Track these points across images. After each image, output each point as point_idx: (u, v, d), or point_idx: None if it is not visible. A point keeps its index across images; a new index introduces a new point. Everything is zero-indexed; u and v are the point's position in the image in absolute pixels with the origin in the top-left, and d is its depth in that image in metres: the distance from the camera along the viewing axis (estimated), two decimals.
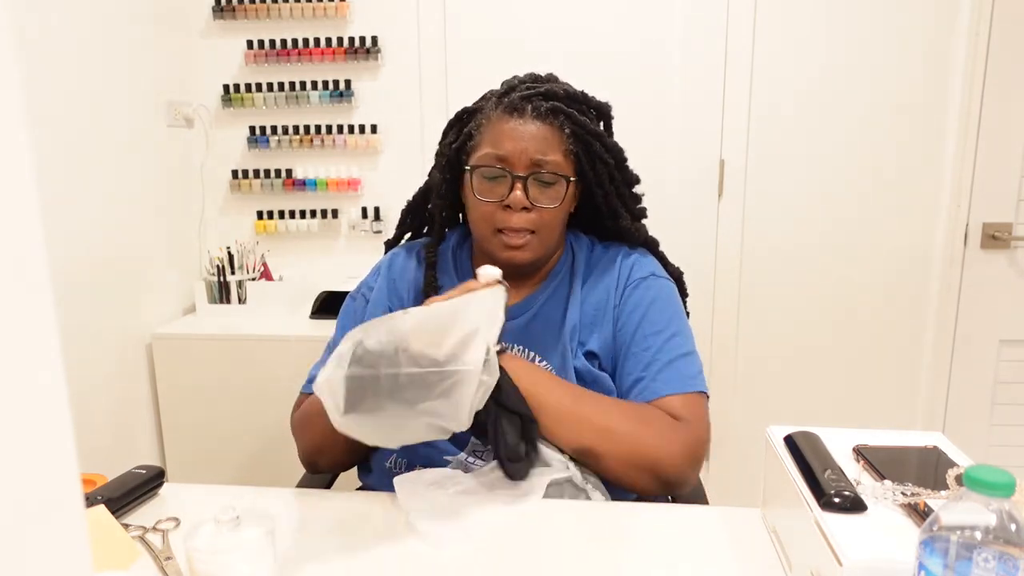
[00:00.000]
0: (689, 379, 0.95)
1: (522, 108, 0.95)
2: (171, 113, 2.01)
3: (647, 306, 0.99)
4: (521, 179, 0.95)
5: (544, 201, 0.96)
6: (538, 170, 0.95)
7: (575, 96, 1.00)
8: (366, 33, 2.05)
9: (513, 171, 0.95)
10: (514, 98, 0.96)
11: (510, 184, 0.95)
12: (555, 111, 0.96)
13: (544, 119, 0.95)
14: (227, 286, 2.03)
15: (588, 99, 1.02)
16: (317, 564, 0.74)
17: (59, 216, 1.59)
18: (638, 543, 0.78)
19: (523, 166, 0.95)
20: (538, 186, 0.96)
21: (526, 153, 0.94)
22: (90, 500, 0.80)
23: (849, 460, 0.72)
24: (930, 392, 2.10)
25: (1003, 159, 1.97)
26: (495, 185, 0.96)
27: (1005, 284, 2.03)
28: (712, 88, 2.01)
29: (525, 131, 0.95)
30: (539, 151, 0.94)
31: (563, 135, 0.96)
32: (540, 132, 0.95)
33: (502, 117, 0.96)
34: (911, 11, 1.93)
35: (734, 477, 2.13)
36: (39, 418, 0.28)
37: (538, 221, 0.96)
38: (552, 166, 0.95)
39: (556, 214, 0.98)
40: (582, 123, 0.97)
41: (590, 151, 0.98)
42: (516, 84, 1.01)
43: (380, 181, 2.13)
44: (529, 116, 0.95)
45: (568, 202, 1.00)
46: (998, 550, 0.46)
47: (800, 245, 2.08)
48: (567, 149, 0.97)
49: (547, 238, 0.99)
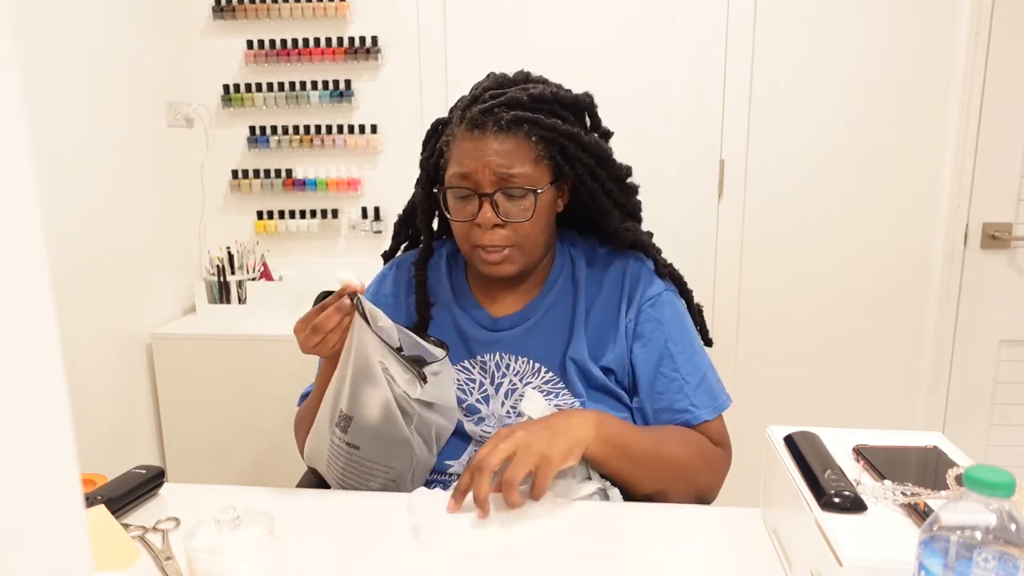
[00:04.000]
0: (719, 400, 0.99)
1: (483, 123, 0.92)
2: (171, 113, 2.01)
3: (668, 326, 0.99)
4: (488, 196, 0.92)
5: (516, 215, 0.93)
6: (505, 185, 0.92)
7: (542, 97, 0.94)
8: (366, 33, 2.05)
9: (479, 189, 0.93)
10: (475, 112, 0.93)
11: (478, 203, 0.93)
12: (517, 121, 0.91)
13: (507, 131, 0.92)
14: (227, 286, 2.03)
15: (560, 97, 0.96)
16: (317, 564, 0.74)
17: (59, 216, 1.59)
18: (638, 543, 0.78)
19: (488, 183, 0.92)
20: (508, 200, 0.93)
21: (489, 168, 0.91)
22: (90, 500, 0.80)
23: (849, 460, 0.72)
24: (930, 392, 2.10)
25: (1003, 159, 1.97)
26: (465, 204, 0.95)
27: (1005, 284, 2.03)
28: (712, 88, 2.01)
29: (487, 147, 0.91)
30: (504, 165, 0.91)
31: (530, 143, 0.93)
32: (503, 146, 0.91)
33: (465, 134, 0.93)
34: (911, 12, 1.93)
35: (734, 477, 2.13)
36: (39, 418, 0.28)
37: (513, 235, 0.94)
38: (520, 179, 0.92)
39: (533, 225, 0.95)
40: (550, 126, 0.93)
41: (565, 153, 0.95)
42: (480, 93, 0.97)
43: (380, 181, 2.13)
44: (491, 131, 0.92)
45: (545, 210, 0.97)
46: (998, 550, 0.46)
47: (800, 245, 2.08)
48: (537, 156, 0.93)
49: (529, 249, 0.97)
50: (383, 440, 0.89)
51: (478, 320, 1.03)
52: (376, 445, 0.89)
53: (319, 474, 1.09)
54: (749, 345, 2.13)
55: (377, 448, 0.89)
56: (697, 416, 0.96)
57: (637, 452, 0.88)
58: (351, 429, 0.88)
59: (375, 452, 0.90)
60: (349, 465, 0.91)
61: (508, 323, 1.02)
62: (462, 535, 0.79)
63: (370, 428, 0.88)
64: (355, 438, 0.89)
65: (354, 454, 0.90)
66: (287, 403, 1.14)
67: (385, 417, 0.88)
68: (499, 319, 1.02)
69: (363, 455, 0.90)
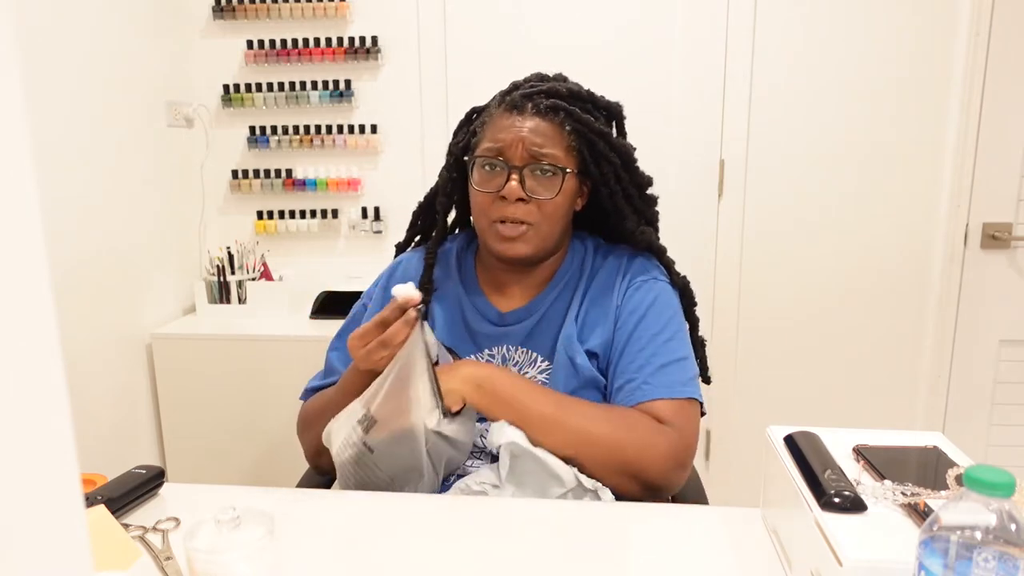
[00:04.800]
0: (680, 385, 0.94)
1: (522, 105, 0.96)
2: (171, 113, 2.01)
3: (646, 308, 0.99)
4: (517, 170, 0.95)
5: (541, 192, 0.96)
6: (535, 162, 0.95)
7: (579, 95, 1.00)
8: (366, 33, 2.05)
9: (510, 162, 0.95)
10: (516, 96, 0.98)
11: (506, 175, 0.95)
12: (555, 108, 0.96)
13: (544, 115, 0.96)
14: (227, 286, 2.03)
15: (595, 99, 1.02)
16: (317, 564, 0.74)
17: (59, 216, 1.59)
18: (638, 543, 0.78)
19: (519, 158, 0.95)
20: (535, 178, 0.96)
21: (523, 144, 0.95)
22: (90, 500, 0.80)
23: (849, 460, 0.72)
24: (930, 392, 2.10)
25: (1003, 159, 1.97)
26: (493, 176, 0.97)
27: (1005, 284, 2.03)
28: (712, 88, 2.01)
29: (524, 125, 0.96)
30: (536, 144, 0.95)
31: (564, 131, 0.97)
32: (539, 127, 0.96)
33: (503, 114, 0.98)
34: (911, 11, 1.93)
35: (734, 477, 2.13)
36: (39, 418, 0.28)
37: (536, 213, 0.96)
38: (550, 159, 0.96)
39: (555, 207, 0.97)
40: (585, 120, 0.97)
41: (594, 149, 0.98)
42: (521, 83, 1.02)
43: (380, 181, 2.13)
44: (529, 112, 0.96)
45: (568, 196, 0.99)
46: (998, 550, 0.46)
47: (800, 245, 2.08)
48: (569, 145, 0.97)
49: (546, 233, 0.98)
50: (396, 458, 0.89)
51: (485, 314, 1.03)
52: (389, 458, 0.89)
53: (319, 474, 1.10)
54: (749, 345, 2.13)
55: (389, 461, 0.89)
56: (646, 393, 0.93)
57: (532, 414, 0.88)
58: (372, 431, 0.87)
59: (386, 463, 0.89)
60: (358, 458, 0.90)
61: (515, 317, 1.02)
62: (460, 536, 0.79)
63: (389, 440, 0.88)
64: (373, 441, 0.88)
65: (366, 455, 0.89)
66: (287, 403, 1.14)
67: (407, 437, 0.87)
68: (506, 314, 1.03)
69: (374, 459, 0.89)
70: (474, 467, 0.94)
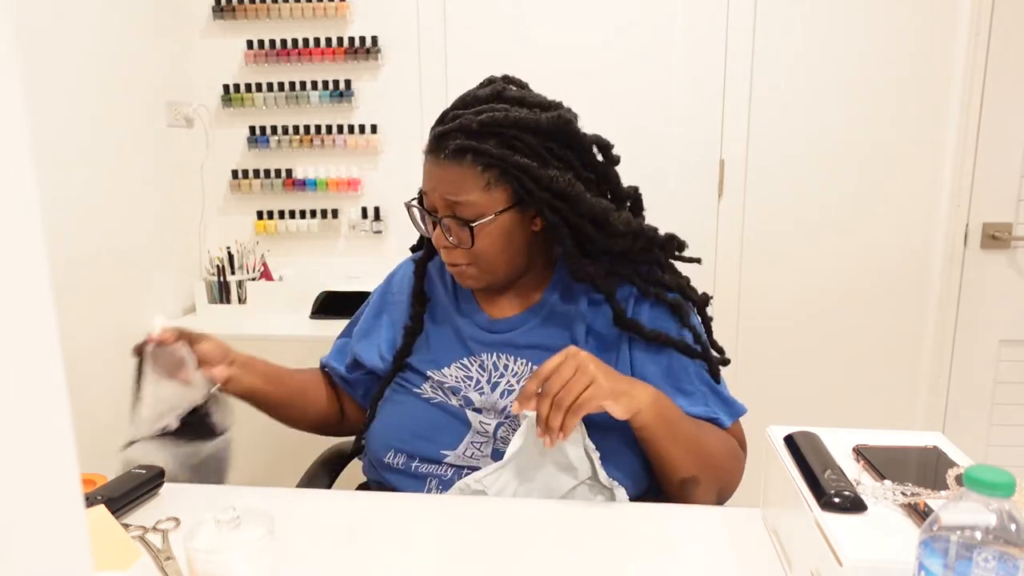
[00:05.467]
0: (734, 404, 0.99)
1: (437, 148, 0.93)
2: (171, 113, 2.01)
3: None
4: (437, 219, 0.95)
5: (463, 240, 0.93)
6: (449, 212, 0.93)
7: (494, 122, 0.90)
8: (366, 33, 2.05)
9: (432, 211, 0.96)
10: (432, 136, 0.94)
11: (433, 223, 0.97)
12: (461, 150, 0.90)
13: (452, 159, 0.91)
14: (227, 286, 2.03)
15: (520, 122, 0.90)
16: (317, 564, 0.74)
17: (59, 216, 1.59)
18: (639, 543, 0.78)
19: (440, 207, 0.94)
20: (456, 224, 0.93)
21: (437, 193, 0.93)
22: (90, 500, 0.80)
23: (849, 460, 0.72)
24: (930, 392, 2.10)
25: (1003, 159, 1.97)
26: (425, 220, 0.99)
27: (1005, 284, 2.03)
28: (712, 88, 2.01)
29: (437, 173, 0.93)
30: (450, 192, 0.92)
31: (476, 171, 0.91)
32: (450, 174, 0.91)
33: (427, 155, 0.96)
34: (911, 12, 1.93)
35: None
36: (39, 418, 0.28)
37: (467, 255, 0.95)
38: (464, 207, 0.91)
39: (482, 250, 0.94)
40: (498, 156, 0.89)
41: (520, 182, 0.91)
42: (445, 114, 0.96)
43: (380, 181, 2.13)
44: (441, 158, 0.92)
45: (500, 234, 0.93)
46: (998, 550, 0.46)
47: (800, 245, 2.08)
48: (488, 183, 0.91)
49: (488, 268, 0.96)
50: None
51: (476, 321, 1.03)
52: None
53: (320, 474, 1.10)
54: (749, 345, 2.13)
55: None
56: (720, 423, 0.96)
57: (682, 434, 0.89)
58: None
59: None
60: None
61: (506, 326, 1.01)
62: (460, 536, 0.79)
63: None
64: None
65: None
66: None
67: None
68: (497, 321, 1.02)
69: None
70: (474, 459, 0.94)
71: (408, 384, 1.02)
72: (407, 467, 0.95)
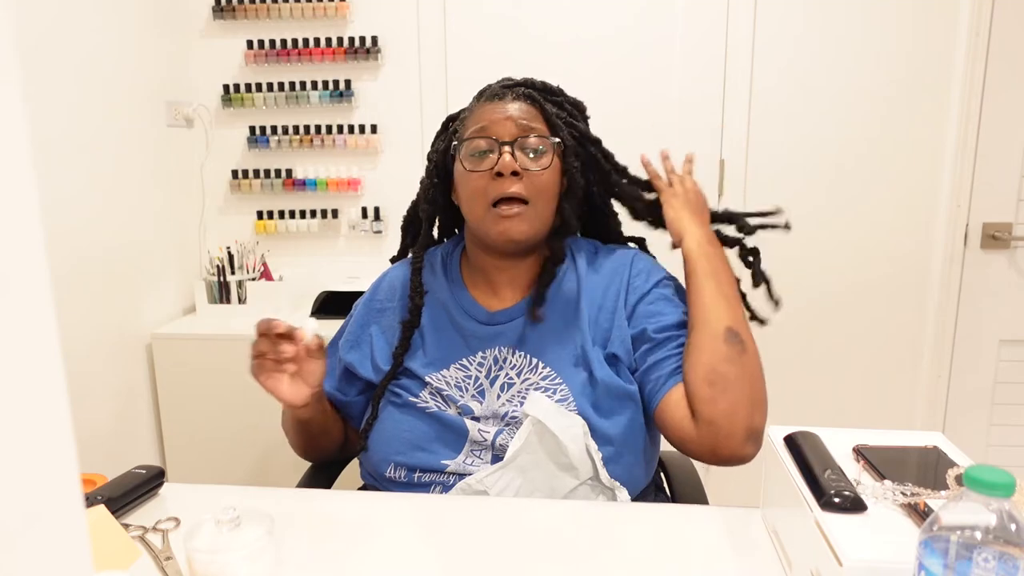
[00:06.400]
0: None
1: (502, 94, 1.01)
2: (171, 113, 2.01)
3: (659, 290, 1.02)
4: (508, 144, 0.96)
5: (533, 166, 0.97)
6: (524, 134, 0.97)
7: (552, 89, 1.06)
8: (366, 33, 2.05)
9: (500, 139, 0.97)
10: (494, 86, 1.04)
11: (498, 152, 0.97)
12: (530, 97, 1.01)
13: (523, 100, 1.00)
14: (227, 286, 2.03)
15: (575, 101, 1.08)
16: (317, 564, 0.74)
17: (59, 216, 1.59)
18: (638, 543, 0.78)
19: (509, 133, 0.97)
20: (525, 153, 0.97)
21: (511, 121, 0.97)
22: (90, 500, 0.80)
23: (849, 460, 0.72)
24: (930, 392, 2.10)
25: (1003, 159, 1.97)
26: (483, 159, 0.98)
27: (1005, 284, 2.03)
28: (712, 88, 2.01)
29: (506, 107, 0.99)
30: (524, 119, 0.98)
31: (539, 116, 1.00)
32: (521, 108, 1.00)
33: (484, 104, 1.01)
34: (911, 12, 1.93)
35: (734, 477, 2.13)
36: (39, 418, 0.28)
37: (530, 188, 0.96)
38: (538, 132, 0.98)
39: (547, 182, 0.98)
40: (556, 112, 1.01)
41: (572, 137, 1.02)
42: (493, 83, 1.06)
43: (380, 181, 2.13)
44: (509, 99, 1.00)
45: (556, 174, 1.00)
46: (998, 550, 0.46)
47: (799, 245, 2.07)
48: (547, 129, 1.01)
49: (541, 210, 0.98)
50: None
51: (474, 315, 1.02)
52: None
53: (320, 474, 1.10)
54: None
55: None
56: None
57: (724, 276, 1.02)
58: None
59: None
60: None
61: (505, 317, 1.01)
62: (461, 535, 0.79)
63: None
64: None
65: None
66: None
67: None
68: (495, 313, 1.02)
69: None
70: (474, 467, 0.94)
71: (405, 392, 1.00)
72: (409, 478, 0.95)
